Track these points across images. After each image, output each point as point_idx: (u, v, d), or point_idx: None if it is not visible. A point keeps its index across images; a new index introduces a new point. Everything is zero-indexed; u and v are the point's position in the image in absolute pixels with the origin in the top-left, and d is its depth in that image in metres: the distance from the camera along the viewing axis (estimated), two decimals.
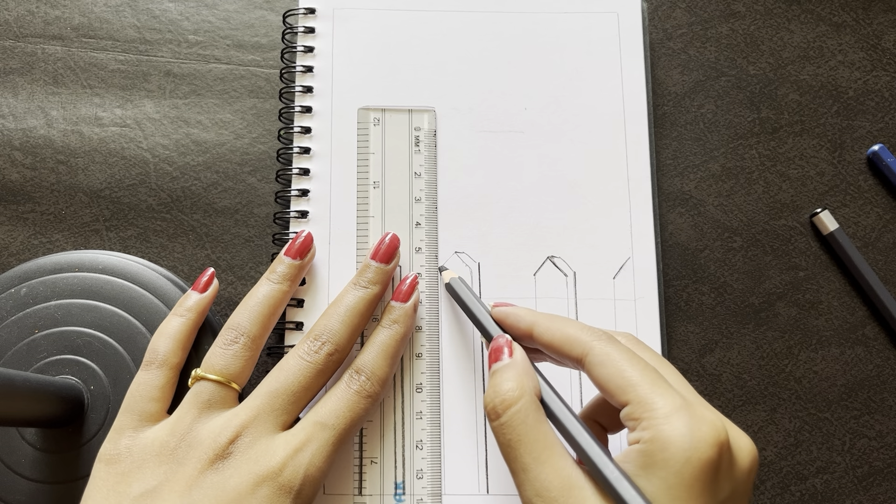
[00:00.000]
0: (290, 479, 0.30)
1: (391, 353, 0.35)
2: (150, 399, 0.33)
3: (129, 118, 0.42)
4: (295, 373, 0.33)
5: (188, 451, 0.31)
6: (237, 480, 0.30)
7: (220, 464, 0.30)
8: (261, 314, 0.35)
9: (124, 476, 0.31)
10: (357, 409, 0.33)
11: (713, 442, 0.25)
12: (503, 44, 0.42)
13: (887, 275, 0.40)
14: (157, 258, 0.40)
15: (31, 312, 0.37)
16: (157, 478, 0.30)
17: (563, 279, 0.39)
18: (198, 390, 0.33)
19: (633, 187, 0.40)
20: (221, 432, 0.31)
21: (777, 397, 0.39)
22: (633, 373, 0.27)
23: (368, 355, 0.34)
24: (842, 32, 0.43)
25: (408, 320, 0.36)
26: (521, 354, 0.30)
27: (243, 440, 0.31)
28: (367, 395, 0.33)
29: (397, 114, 0.40)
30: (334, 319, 0.34)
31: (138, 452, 0.31)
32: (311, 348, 0.34)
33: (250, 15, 0.43)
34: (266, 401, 0.32)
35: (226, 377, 0.33)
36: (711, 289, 0.40)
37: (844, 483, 0.38)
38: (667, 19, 0.43)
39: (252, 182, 0.41)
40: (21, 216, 0.40)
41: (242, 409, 0.32)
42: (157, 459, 0.31)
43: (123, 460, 0.31)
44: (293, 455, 0.31)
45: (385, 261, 0.36)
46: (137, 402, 0.33)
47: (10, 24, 0.43)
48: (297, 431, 0.32)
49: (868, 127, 0.42)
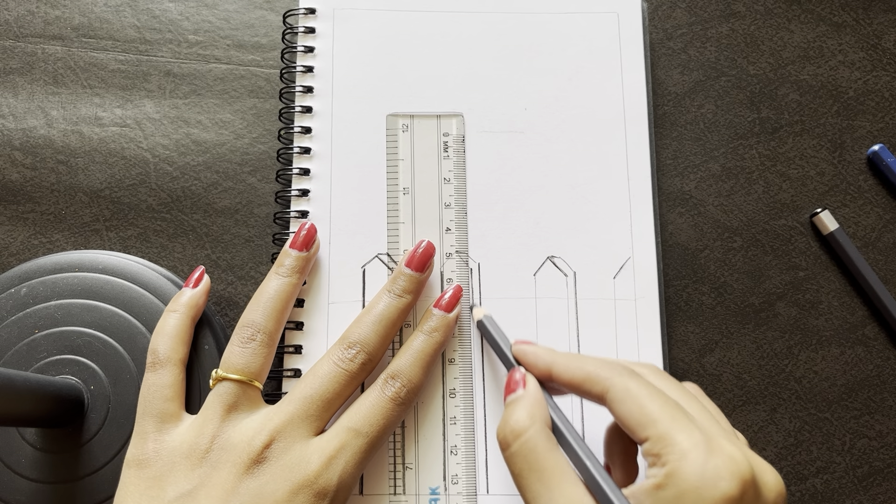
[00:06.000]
0: (324, 485, 0.31)
1: (427, 362, 0.35)
2: (164, 399, 0.33)
3: (129, 118, 0.42)
4: (329, 379, 0.33)
5: (221, 454, 0.31)
6: (274, 487, 0.30)
7: (255, 469, 0.30)
8: (274, 309, 0.34)
9: (156, 480, 0.31)
10: (390, 416, 0.33)
11: (731, 476, 0.24)
12: (503, 44, 0.42)
13: (887, 275, 0.40)
14: (157, 258, 0.40)
15: (31, 312, 0.37)
16: (192, 482, 0.30)
17: (563, 279, 0.39)
18: (220, 391, 0.33)
19: (633, 187, 0.40)
20: (255, 437, 0.31)
21: (777, 397, 0.39)
22: (653, 408, 0.26)
23: (405, 361, 0.34)
24: (842, 32, 0.43)
25: (447, 330, 0.36)
26: (533, 386, 0.30)
27: (278, 445, 0.31)
28: (401, 402, 0.33)
29: (426, 119, 0.40)
30: (368, 328, 0.34)
31: (167, 455, 0.31)
32: (346, 356, 0.34)
33: (250, 15, 0.43)
34: (300, 406, 0.32)
35: (247, 375, 0.33)
36: (711, 289, 0.40)
37: (844, 483, 0.38)
38: (667, 19, 0.43)
39: (252, 182, 0.41)
40: (21, 216, 0.40)
41: (276, 413, 0.32)
42: (188, 462, 0.31)
43: (153, 464, 0.31)
44: (328, 462, 0.31)
45: (419, 269, 0.36)
46: (153, 404, 0.33)
47: (10, 24, 0.43)
48: (331, 438, 0.32)
49: (868, 127, 0.42)
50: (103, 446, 0.35)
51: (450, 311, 0.36)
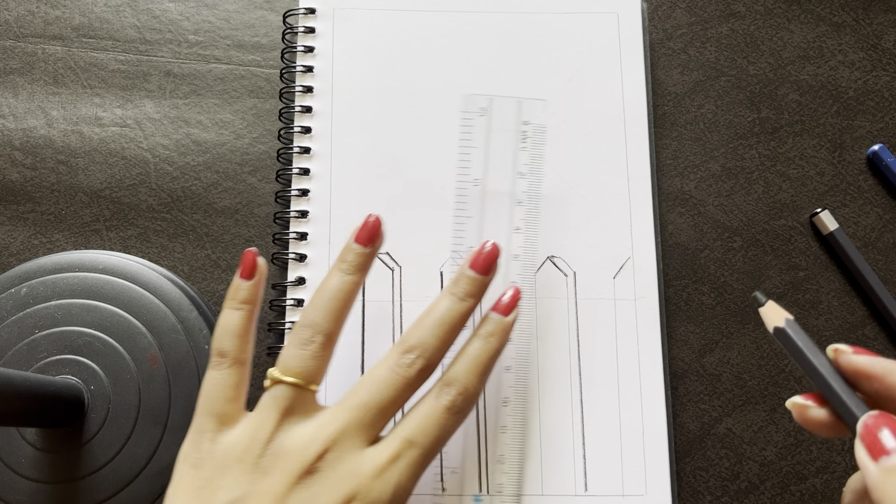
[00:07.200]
0: (377, 498, 0.30)
1: (484, 368, 0.33)
2: (226, 400, 0.32)
3: (129, 118, 0.42)
4: (386, 386, 0.31)
5: (274, 461, 0.30)
6: (325, 499, 0.29)
7: (307, 480, 0.30)
8: (334, 309, 0.33)
9: (208, 482, 0.30)
10: (446, 427, 0.31)
11: None
12: (503, 44, 0.42)
13: (887, 275, 0.40)
14: (158, 258, 0.40)
15: (31, 312, 0.37)
16: (242, 487, 0.30)
17: (563, 279, 0.39)
18: (276, 394, 0.31)
19: (633, 187, 0.40)
20: (309, 445, 0.30)
21: (777, 397, 0.39)
22: None
23: (460, 368, 0.32)
24: (842, 32, 0.43)
25: (504, 335, 0.33)
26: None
27: (331, 454, 0.30)
28: (456, 412, 0.32)
29: (506, 102, 0.37)
30: (427, 332, 0.32)
31: (220, 457, 0.30)
32: (404, 361, 0.32)
33: (250, 15, 0.43)
34: (355, 414, 0.31)
35: (304, 379, 0.31)
36: (711, 289, 0.40)
37: (844, 483, 0.38)
38: (667, 19, 0.43)
39: (252, 182, 0.41)
40: (21, 216, 0.40)
41: (330, 420, 0.31)
42: (240, 467, 0.30)
43: (206, 465, 0.30)
44: (381, 474, 0.30)
45: (483, 272, 0.34)
46: (214, 403, 0.32)
47: (10, 24, 0.43)
48: (385, 448, 0.31)
49: (868, 127, 0.42)
50: (103, 446, 0.35)
51: (507, 314, 0.34)
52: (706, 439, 0.38)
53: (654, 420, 0.37)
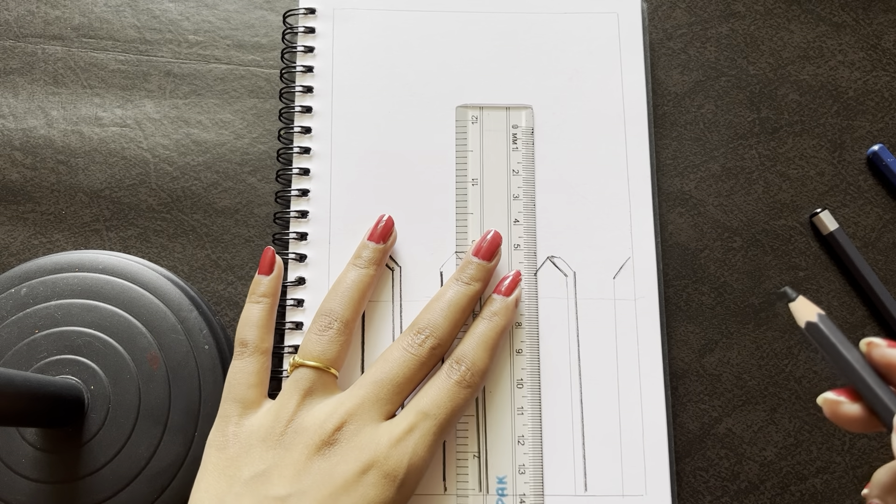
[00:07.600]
0: (394, 467, 0.31)
1: (490, 345, 0.35)
2: (248, 386, 0.34)
3: (129, 118, 0.42)
4: (399, 364, 0.34)
5: (295, 437, 0.32)
6: (344, 467, 0.31)
7: (326, 450, 0.32)
8: (352, 298, 0.35)
9: (234, 460, 0.32)
10: (457, 399, 0.33)
11: None
12: (503, 44, 0.42)
13: (887, 275, 0.40)
14: (157, 258, 0.40)
15: (31, 312, 0.37)
16: (266, 462, 0.32)
17: (563, 279, 0.39)
18: (298, 377, 0.34)
19: (633, 187, 0.40)
20: (327, 419, 0.32)
21: (777, 397, 0.39)
22: None
23: (468, 346, 0.35)
24: (842, 32, 0.43)
25: (508, 313, 0.36)
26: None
27: (349, 427, 0.32)
28: (467, 385, 0.34)
29: (495, 111, 0.40)
30: (437, 314, 0.35)
31: (245, 438, 0.33)
32: (415, 341, 0.34)
33: (250, 15, 0.43)
34: (371, 390, 0.33)
35: (324, 363, 0.34)
36: (711, 289, 0.40)
37: (844, 483, 0.38)
38: (667, 19, 0.43)
39: (252, 182, 0.41)
40: (21, 216, 0.40)
41: (347, 397, 0.33)
42: (264, 445, 0.32)
43: (231, 446, 0.33)
44: (397, 443, 0.32)
45: (487, 258, 0.37)
46: (237, 389, 0.34)
47: (10, 24, 0.43)
48: (400, 420, 0.33)
49: (868, 127, 0.42)
50: (103, 446, 0.35)
51: (509, 294, 0.36)
52: (706, 439, 0.38)
53: (653, 420, 0.37)
